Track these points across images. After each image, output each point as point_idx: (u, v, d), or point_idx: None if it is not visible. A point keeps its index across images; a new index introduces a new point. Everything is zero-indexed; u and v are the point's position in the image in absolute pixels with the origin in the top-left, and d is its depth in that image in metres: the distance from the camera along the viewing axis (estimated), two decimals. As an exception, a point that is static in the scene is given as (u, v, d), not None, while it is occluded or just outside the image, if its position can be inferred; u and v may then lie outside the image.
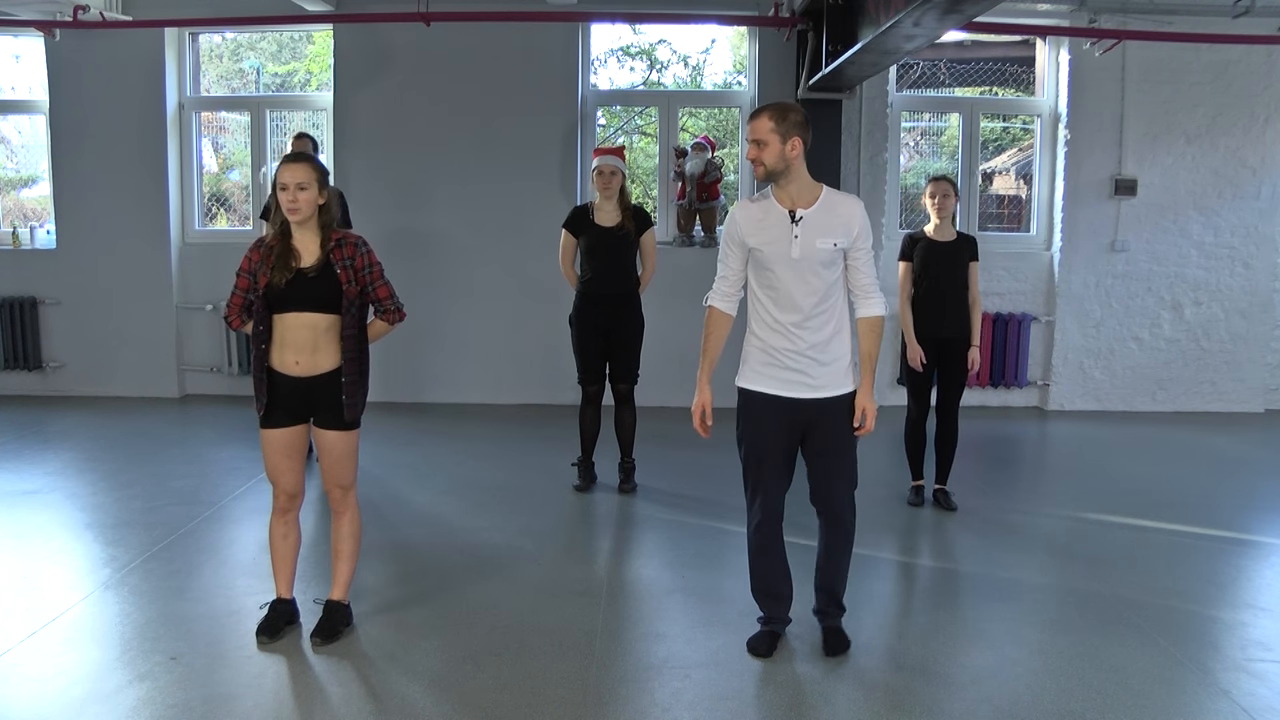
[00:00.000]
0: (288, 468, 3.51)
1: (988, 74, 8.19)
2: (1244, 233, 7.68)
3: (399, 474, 5.81)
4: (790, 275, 3.30)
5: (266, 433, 3.48)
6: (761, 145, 3.30)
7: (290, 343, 3.39)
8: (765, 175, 3.34)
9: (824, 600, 3.58)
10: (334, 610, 3.61)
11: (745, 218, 3.40)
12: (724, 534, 4.81)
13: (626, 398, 5.35)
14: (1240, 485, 5.88)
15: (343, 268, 3.41)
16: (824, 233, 3.30)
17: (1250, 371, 7.85)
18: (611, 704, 3.16)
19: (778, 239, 3.31)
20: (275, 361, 3.41)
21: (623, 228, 5.20)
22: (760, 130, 3.29)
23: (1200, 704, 3.22)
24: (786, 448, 3.42)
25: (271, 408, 3.45)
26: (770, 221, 3.34)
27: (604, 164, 5.20)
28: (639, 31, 8.40)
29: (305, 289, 3.37)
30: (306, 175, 3.35)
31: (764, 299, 3.38)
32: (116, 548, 4.49)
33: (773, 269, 3.32)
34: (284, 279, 3.34)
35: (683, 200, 7.70)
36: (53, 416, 7.21)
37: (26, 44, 8.07)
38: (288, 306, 3.37)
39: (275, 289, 3.36)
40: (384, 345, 7.39)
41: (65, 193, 7.74)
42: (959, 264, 5.04)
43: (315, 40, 8.51)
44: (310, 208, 3.37)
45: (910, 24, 4.58)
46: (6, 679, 3.25)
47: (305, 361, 3.40)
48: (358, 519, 3.65)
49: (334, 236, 3.43)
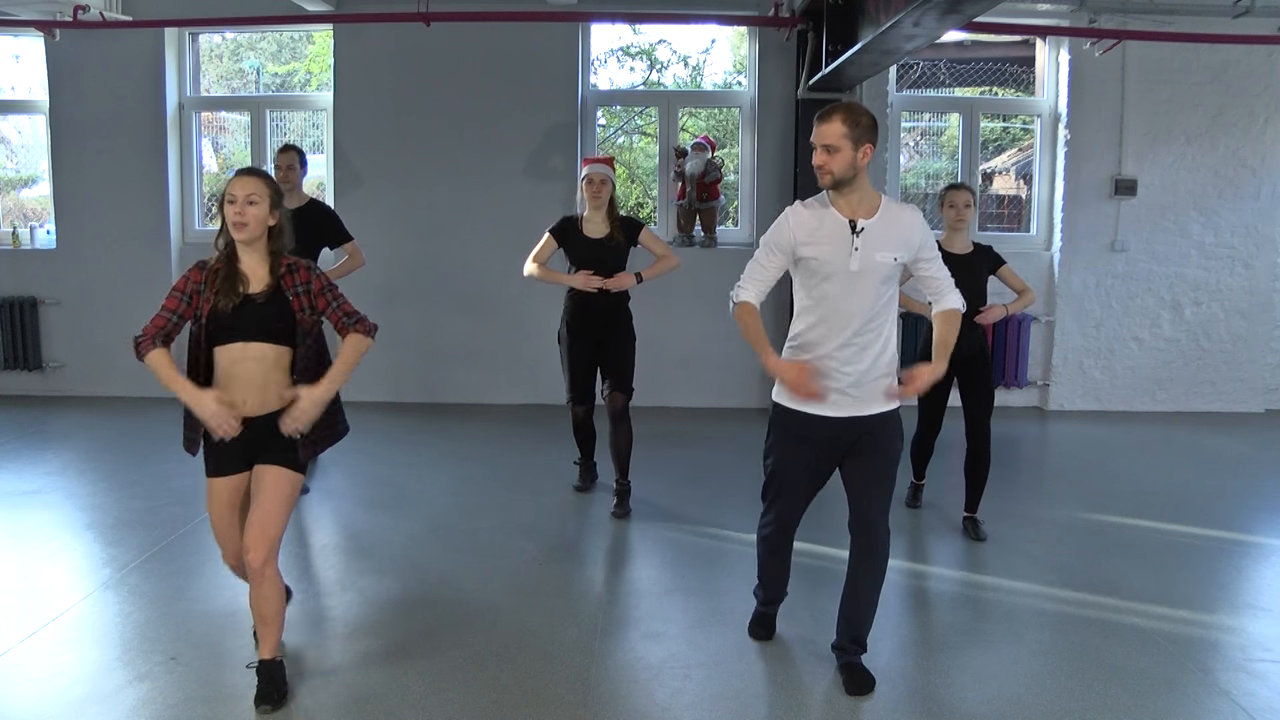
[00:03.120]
0: (236, 524, 3.15)
1: (988, 74, 8.19)
2: (1244, 233, 7.69)
3: (399, 473, 5.81)
4: (845, 289, 3.10)
5: (213, 483, 3.11)
6: (832, 151, 3.05)
7: (238, 378, 3.04)
8: (832, 184, 3.10)
9: (846, 634, 3.33)
10: (273, 670, 3.15)
11: (799, 224, 3.14)
12: (724, 535, 4.81)
13: (622, 414, 5.08)
14: (1240, 485, 5.88)
15: (295, 294, 3.10)
16: (884, 246, 3.10)
17: (1250, 371, 7.85)
18: (611, 704, 3.16)
19: (836, 250, 3.09)
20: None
21: (612, 239, 5.00)
22: (832, 135, 3.05)
23: (1200, 704, 3.22)
24: (820, 469, 3.30)
25: (214, 453, 3.08)
26: (827, 231, 3.11)
27: (594, 172, 4.99)
28: (639, 31, 8.39)
29: (254, 317, 3.04)
30: (258, 189, 3.05)
31: (811, 312, 3.18)
32: (116, 548, 4.49)
33: (827, 282, 3.12)
34: (230, 304, 3.02)
35: (683, 200, 7.71)
36: (53, 416, 7.21)
37: (26, 44, 8.07)
38: (234, 336, 3.03)
39: (220, 316, 3.02)
40: (384, 345, 7.41)
41: (65, 193, 7.74)
42: (978, 277, 4.75)
43: (315, 40, 8.51)
44: (259, 227, 3.06)
45: (910, 24, 4.57)
46: (6, 679, 3.26)
47: (254, 400, 3.05)
48: (281, 581, 3.17)
49: (284, 262, 3.13)
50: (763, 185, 7.72)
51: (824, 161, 3.07)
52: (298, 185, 5.42)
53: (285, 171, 5.35)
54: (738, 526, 4.84)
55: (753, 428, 7.11)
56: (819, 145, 3.08)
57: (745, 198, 7.89)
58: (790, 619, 3.71)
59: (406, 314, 7.61)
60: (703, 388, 7.72)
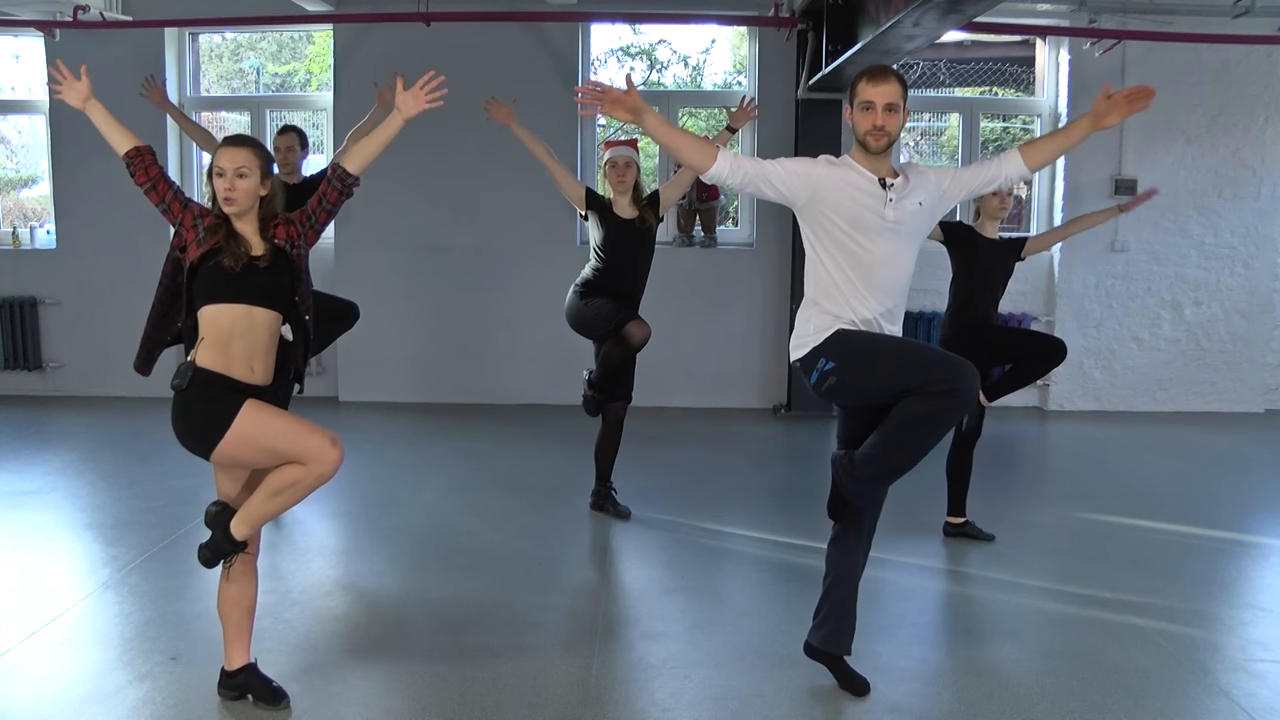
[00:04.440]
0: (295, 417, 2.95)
1: (988, 74, 8.19)
2: (1244, 233, 7.68)
3: (400, 473, 5.81)
4: (883, 246, 2.98)
5: (247, 409, 2.82)
6: (894, 111, 2.97)
7: (249, 345, 2.89)
8: (887, 146, 3.00)
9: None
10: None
11: (827, 172, 3.02)
12: (724, 535, 4.81)
13: (621, 419, 4.95)
14: (1240, 485, 5.88)
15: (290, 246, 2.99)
16: (911, 195, 3.02)
17: (1250, 371, 7.85)
18: (611, 704, 3.16)
19: (868, 204, 2.98)
20: (213, 363, 2.87)
21: (644, 221, 4.83)
22: (894, 94, 2.97)
23: (1200, 704, 3.22)
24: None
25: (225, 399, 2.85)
26: (855, 187, 3.00)
27: (618, 155, 4.86)
28: (639, 31, 8.39)
29: (258, 282, 2.90)
30: (248, 160, 2.91)
31: (847, 280, 3.02)
32: (116, 548, 4.49)
33: (860, 236, 2.98)
34: (238, 264, 2.87)
35: (683, 200, 7.70)
36: (53, 416, 7.21)
37: (26, 44, 8.07)
38: (237, 297, 2.86)
39: (224, 273, 2.85)
40: (383, 345, 7.45)
41: (65, 193, 7.73)
42: (1009, 261, 4.76)
43: (315, 40, 8.51)
44: (249, 199, 2.93)
45: (910, 24, 4.57)
46: (6, 679, 3.25)
47: (260, 368, 2.93)
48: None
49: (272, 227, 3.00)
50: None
51: (885, 122, 2.96)
52: (298, 168, 5.21)
53: (285, 154, 5.16)
54: (738, 526, 4.85)
55: (752, 428, 7.12)
56: (880, 105, 2.96)
57: (745, 198, 7.89)
58: (792, 620, 3.71)
59: (406, 314, 7.60)
60: (702, 388, 7.71)
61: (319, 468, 2.83)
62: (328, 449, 2.82)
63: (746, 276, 7.70)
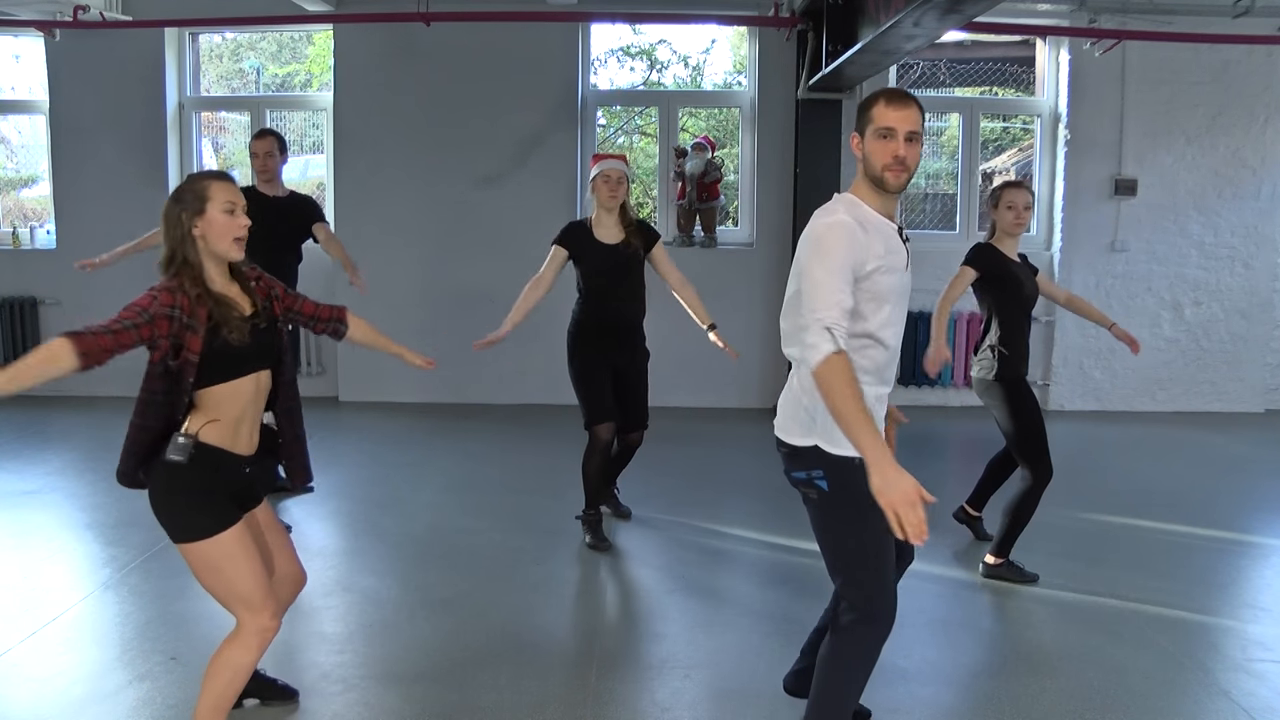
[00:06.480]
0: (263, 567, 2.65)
1: (988, 74, 8.19)
2: (1244, 233, 7.69)
3: (400, 473, 5.81)
4: (898, 310, 2.52)
5: (230, 536, 2.55)
6: (914, 140, 2.44)
7: (251, 410, 2.63)
8: (904, 186, 2.48)
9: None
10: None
11: (863, 241, 2.40)
12: (724, 535, 4.81)
13: (635, 447, 4.77)
14: (1240, 485, 5.88)
15: (274, 301, 2.76)
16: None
17: (1250, 371, 7.85)
18: (611, 704, 3.16)
19: (895, 263, 2.47)
20: (220, 439, 2.58)
21: (629, 244, 4.48)
22: (916, 120, 2.44)
23: (1200, 704, 3.22)
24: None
25: (220, 503, 2.60)
26: (880, 239, 2.45)
27: (611, 169, 4.46)
28: (639, 31, 8.40)
29: (259, 344, 2.63)
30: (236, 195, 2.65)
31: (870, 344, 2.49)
32: (116, 548, 4.49)
33: (885, 302, 2.47)
34: (244, 334, 2.56)
35: (683, 200, 7.72)
36: (53, 416, 7.21)
37: (26, 44, 8.07)
38: (245, 369, 2.59)
39: (233, 350, 2.54)
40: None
41: (65, 193, 7.74)
42: (1033, 286, 4.25)
43: (315, 40, 8.51)
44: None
45: (910, 24, 4.57)
46: (6, 679, 3.26)
47: (255, 435, 2.68)
48: None
49: (249, 275, 2.71)
50: (763, 185, 7.71)
51: (906, 154, 2.42)
52: (277, 174, 4.97)
53: (264, 159, 4.91)
54: (738, 526, 4.85)
55: (752, 428, 7.11)
56: (901, 132, 2.41)
57: (745, 198, 7.89)
58: (793, 621, 3.71)
59: (405, 314, 7.60)
60: (702, 388, 7.71)
61: (245, 639, 2.61)
62: (260, 631, 2.60)
63: (746, 276, 7.70)
